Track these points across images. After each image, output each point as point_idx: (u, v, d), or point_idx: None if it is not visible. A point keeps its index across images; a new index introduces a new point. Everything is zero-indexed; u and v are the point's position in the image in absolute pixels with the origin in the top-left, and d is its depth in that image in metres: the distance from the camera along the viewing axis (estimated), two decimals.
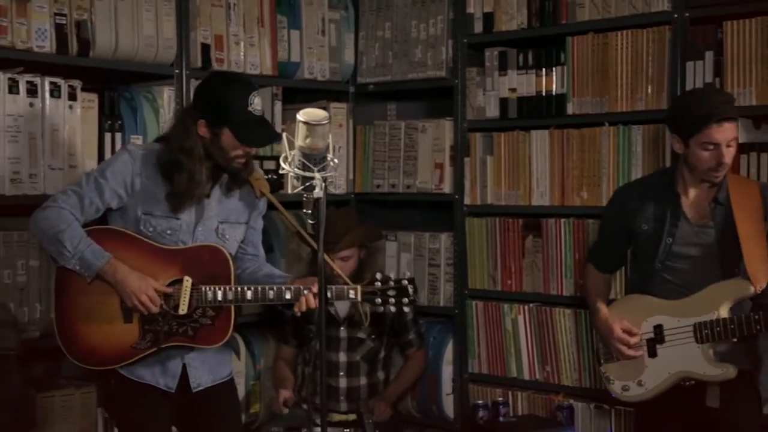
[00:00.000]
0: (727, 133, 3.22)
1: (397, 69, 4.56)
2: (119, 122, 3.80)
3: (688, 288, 3.32)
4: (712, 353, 3.29)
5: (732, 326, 3.22)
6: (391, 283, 3.22)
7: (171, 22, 3.90)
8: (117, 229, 3.22)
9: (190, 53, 3.98)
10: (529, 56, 4.16)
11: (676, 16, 3.76)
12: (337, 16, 4.59)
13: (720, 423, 3.31)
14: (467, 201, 4.35)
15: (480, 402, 4.13)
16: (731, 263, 3.28)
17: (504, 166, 4.24)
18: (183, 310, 3.17)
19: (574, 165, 4.04)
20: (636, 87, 3.87)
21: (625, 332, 3.41)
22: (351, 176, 4.69)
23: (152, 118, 3.88)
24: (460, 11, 4.33)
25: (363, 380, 4.16)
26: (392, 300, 3.21)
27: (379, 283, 3.22)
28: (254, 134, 3.18)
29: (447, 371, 4.40)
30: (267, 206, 3.45)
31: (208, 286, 3.18)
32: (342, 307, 4.13)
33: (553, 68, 4.10)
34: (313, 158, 2.69)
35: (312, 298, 3.18)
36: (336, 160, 2.77)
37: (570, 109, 4.05)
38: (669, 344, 3.36)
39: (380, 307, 3.24)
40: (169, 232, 3.23)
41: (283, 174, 2.76)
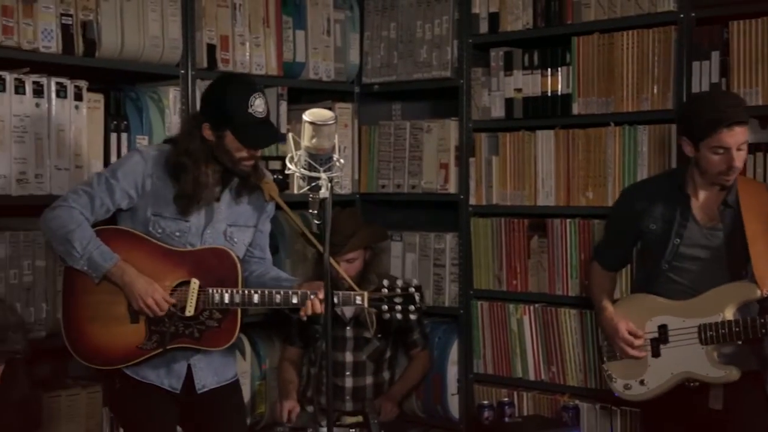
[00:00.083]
0: (737, 137, 3.21)
1: (402, 69, 4.56)
2: (125, 122, 3.80)
3: (695, 289, 3.32)
4: (716, 355, 3.28)
5: (737, 329, 3.21)
6: (398, 290, 3.22)
7: (177, 23, 3.90)
8: (126, 230, 3.23)
9: (195, 53, 3.98)
10: (535, 56, 4.16)
11: (682, 16, 3.76)
12: (343, 16, 4.59)
13: (726, 424, 3.31)
14: (472, 201, 4.35)
15: (485, 402, 4.12)
16: (739, 266, 3.28)
17: (509, 167, 4.24)
18: (190, 311, 3.18)
19: (579, 165, 4.04)
20: (642, 87, 3.86)
21: (630, 334, 3.41)
22: (356, 176, 4.69)
23: (158, 118, 3.88)
24: (465, 11, 4.33)
25: (369, 380, 4.16)
26: (398, 307, 3.21)
27: (385, 289, 3.22)
28: (255, 135, 3.19)
29: (452, 371, 4.40)
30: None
31: (215, 289, 3.18)
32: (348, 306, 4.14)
33: (559, 68, 4.09)
34: (319, 158, 2.69)
35: (318, 303, 3.19)
36: (342, 160, 2.77)
37: (575, 109, 4.05)
38: (673, 344, 3.36)
39: (386, 314, 3.24)
40: (177, 233, 3.24)
41: (289, 174, 2.75)
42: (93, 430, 3.73)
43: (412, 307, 3.22)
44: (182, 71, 3.95)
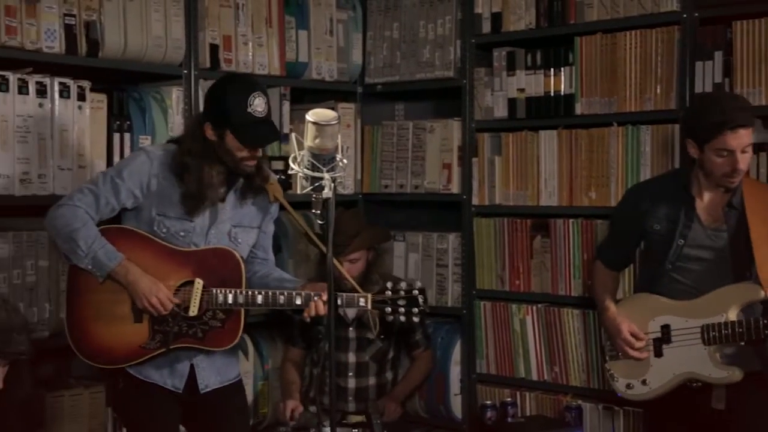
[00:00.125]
0: (741, 140, 3.21)
1: (405, 69, 4.55)
2: (128, 123, 3.80)
3: (698, 289, 3.32)
4: (718, 356, 3.28)
5: (740, 330, 3.21)
6: (402, 292, 3.22)
7: (180, 23, 3.90)
8: (130, 229, 3.24)
9: (198, 53, 3.98)
10: (538, 56, 4.16)
11: (685, 16, 3.75)
12: (345, 16, 4.59)
13: (729, 425, 3.30)
14: (475, 201, 4.35)
15: (488, 402, 4.12)
16: (743, 267, 3.27)
17: (512, 167, 4.24)
18: (193, 311, 3.18)
19: (582, 165, 4.04)
20: (645, 87, 3.86)
21: (632, 335, 3.41)
22: (359, 176, 4.69)
23: (161, 118, 3.88)
24: (468, 11, 4.33)
25: (372, 380, 4.16)
26: (402, 309, 3.21)
27: (389, 292, 3.22)
28: (255, 134, 3.19)
29: (455, 371, 4.39)
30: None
31: (219, 289, 3.19)
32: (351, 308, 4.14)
33: (562, 68, 4.09)
34: (322, 158, 2.69)
35: (321, 305, 3.19)
36: (345, 160, 2.77)
37: (578, 109, 4.05)
38: (675, 345, 3.35)
39: (390, 316, 3.24)
40: (182, 233, 3.24)
41: (292, 174, 2.75)
42: (96, 430, 3.73)
43: (415, 310, 3.22)
44: (185, 71, 3.95)
